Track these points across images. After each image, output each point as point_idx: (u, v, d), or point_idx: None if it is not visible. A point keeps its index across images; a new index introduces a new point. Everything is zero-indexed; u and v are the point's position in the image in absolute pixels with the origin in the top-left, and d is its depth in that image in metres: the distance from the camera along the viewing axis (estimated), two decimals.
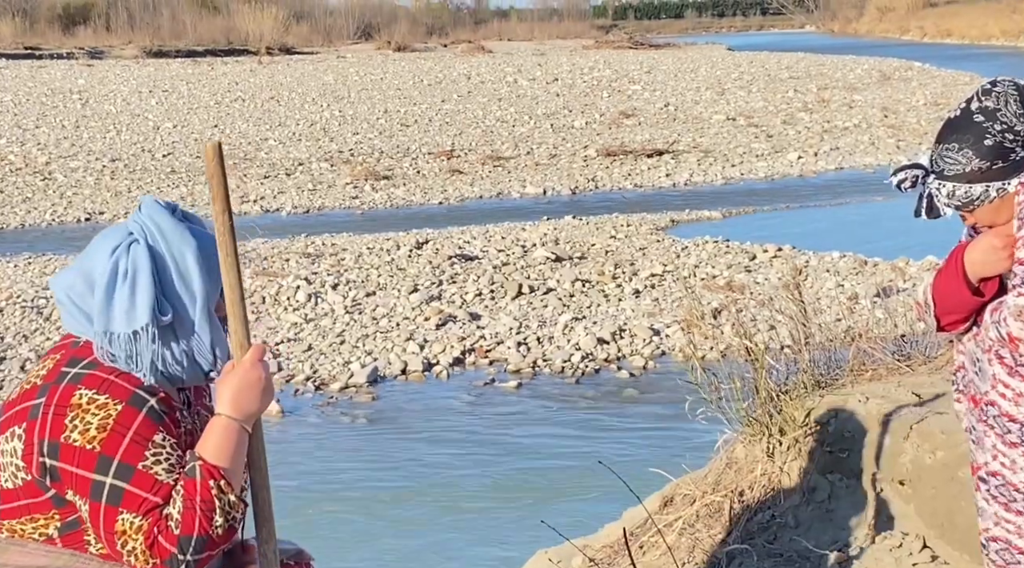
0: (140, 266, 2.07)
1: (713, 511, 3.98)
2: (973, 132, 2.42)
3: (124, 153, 20.02)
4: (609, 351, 8.33)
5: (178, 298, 2.11)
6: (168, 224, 2.12)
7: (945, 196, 2.48)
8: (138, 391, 2.05)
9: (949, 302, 2.57)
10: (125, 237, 2.11)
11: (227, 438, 2.07)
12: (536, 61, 47.36)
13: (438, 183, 16.64)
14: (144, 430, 2.02)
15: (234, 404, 2.08)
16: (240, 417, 2.09)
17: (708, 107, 25.71)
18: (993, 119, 2.41)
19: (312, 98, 30.32)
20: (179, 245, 2.11)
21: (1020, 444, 2.44)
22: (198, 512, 1.99)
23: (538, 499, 6.02)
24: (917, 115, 22.79)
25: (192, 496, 1.99)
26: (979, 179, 2.43)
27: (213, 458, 2.04)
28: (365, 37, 76.18)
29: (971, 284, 2.51)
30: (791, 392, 4.08)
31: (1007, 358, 2.45)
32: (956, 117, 2.47)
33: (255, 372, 2.11)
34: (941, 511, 3.37)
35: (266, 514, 2.16)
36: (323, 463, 6.67)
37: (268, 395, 2.13)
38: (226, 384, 2.10)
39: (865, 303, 8.88)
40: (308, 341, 8.76)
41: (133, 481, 1.99)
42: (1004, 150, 2.41)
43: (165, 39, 60.50)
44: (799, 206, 14.46)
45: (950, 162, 2.45)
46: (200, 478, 2.01)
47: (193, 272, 2.11)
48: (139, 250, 2.09)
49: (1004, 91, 2.44)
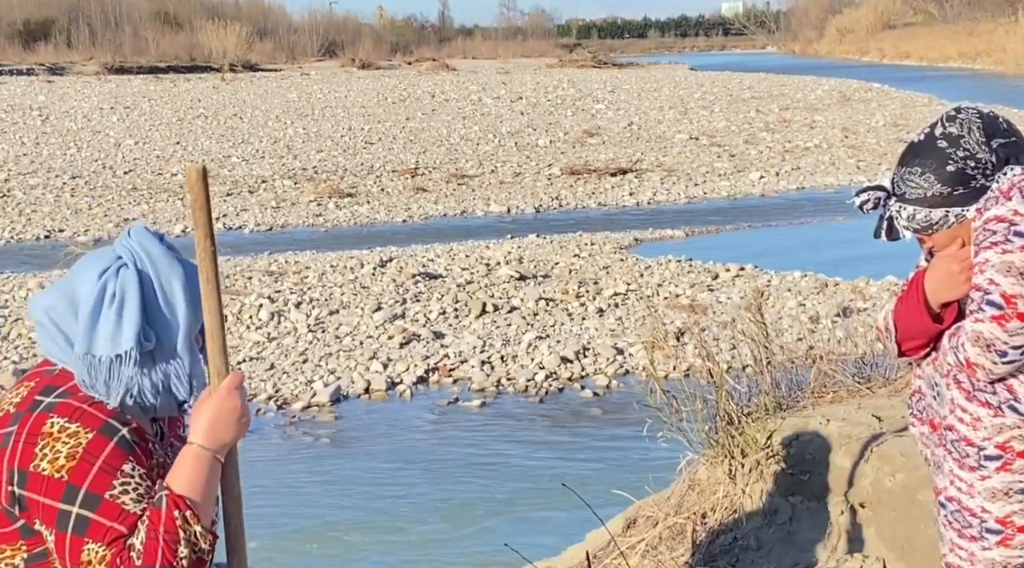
0: (128, 290, 2.05)
1: (676, 533, 3.99)
2: (936, 157, 2.45)
3: (85, 170, 19.84)
4: (573, 370, 8.34)
5: (162, 326, 2.08)
6: (158, 251, 2.10)
7: (905, 219, 2.51)
8: (110, 420, 2.02)
9: (910, 327, 2.60)
10: (114, 261, 2.09)
11: (198, 468, 2.03)
12: (500, 79, 47.51)
13: (402, 201, 16.63)
14: (113, 459, 1.99)
15: (208, 433, 2.05)
16: (213, 447, 2.05)
17: (671, 126, 25.88)
18: (956, 146, 2.44)
19: (276, 115, 30.23)
20: (167, 273, 2.09)
21: (978, 468, 2.47)
22: (161, 543, 1.96)
23: (501, 521, 6.00)
24: (877, 136, 23.05)
25: (156, 526, 1.96)
26: (940, 204, 2.46)
27: (181, 488, 2.01)
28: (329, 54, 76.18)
29: (931, 310, 2.54)
30: (753, 414, 4.10)
31: (965, 383, 2.48)
32: (920, 141, 2.50)
33: (231, 401, 2.08)
34: (901, 534, 3.39)
35: (238, 543, 2.13)
36: (285, 483, 6.61)
37: (244, 424, 2.09)
38: (201, 412, 2.07)
39: (826, 323, 8.95)
40: (270, 360, 8.70)
41: (99, 510, 1.96)
42: (965, 177, 2.44)
43: (127, 55, 60.17)
44: (761, 225, 14.57)
45: (912, 186, 2.48)
46: (165, 509, 1.98)
47: (179, 301, 2.09)
48: (128, 274, 2.07)
49: (968, 118, 2.48)
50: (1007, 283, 2.36)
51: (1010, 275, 2.36)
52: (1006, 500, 2.44)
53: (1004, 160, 2.47)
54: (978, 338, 2.40)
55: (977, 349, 2.40)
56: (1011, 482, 2.44)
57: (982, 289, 2.40)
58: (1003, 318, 2.37)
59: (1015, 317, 2.36)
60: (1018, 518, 2.44)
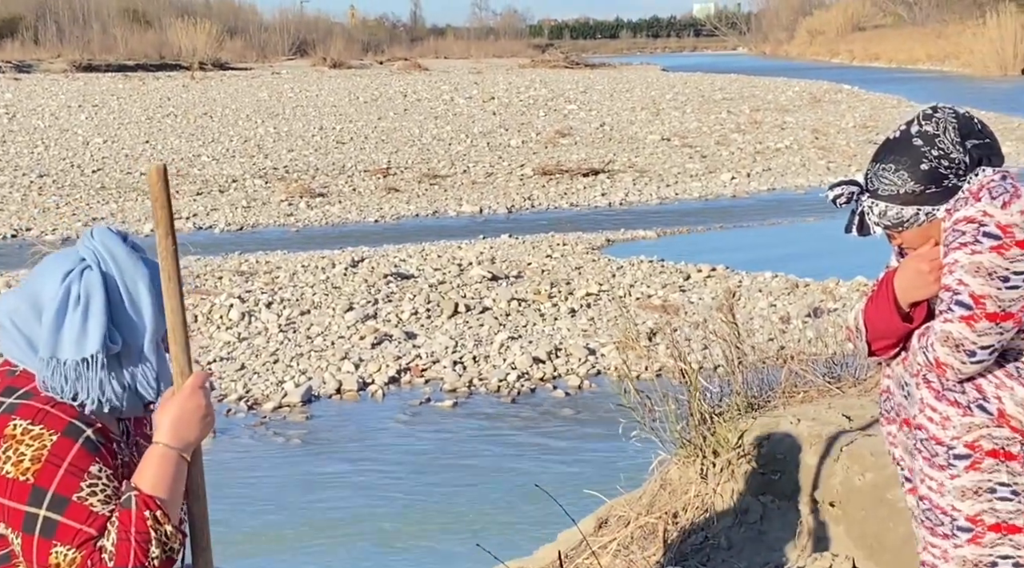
0: (93, 292, 2.03)
1: (647, 533, 4.00)
2: (911, 155, 2.47)
3: (52, 168, 19.68)
4: (545, 370, 8.34)
5: (128, 327, 2.07)
6: (122, 253, 2.08)
7: (877, 215, 2.52)
8: (74, 421, 2.01)
9: (880, 327, 2.62)
10: (77, 263, 2.06)
11: (165, 468, 2.03)
12: (472, 79, 47.49)
13: (374, 201, 16.59)
14: (79, 461, 1.98)
15: (173, 432, 2.04)
16: (179, 446, 2.05)
17: (643, 127, 25.95)
18: (931, 145, 2.46)
19: (246, 114, 30.08)
20: (132, 274, 2.08)
21: (947, 466, 2.48)
22: (133, 543, 1.95)
23: (473, 521, 6.00)
24: (847, 137, 23.21)
25: (127, 527, 1.95)
26: (912, 202, 2.48)
27: (150, 488, 2.00)
28: (300, 53, 75.90)
29: (901, 309, 2.56)
30: (724, 414, 4.12)
31: (934, 382, 2.50)
32: (895, 138, 2.52)
33: (195, 400, 2.07)
34: (870, 532, 3.42)
35: (204, 544, 2.13)
36: (255, 484, 6.58)
37: (208, 423, 2.09)
38: (165, 412, 2.06)
39: (796, 323, 9.01)
40: (241, 360, 8.65)
41: (67, 513, 1.94)
42: (938, 176, 2.46)
43: (95, 53, 59.71)
44: (732, 226, 14.63)
45: (885, 182, 2.50)
46: (135, 509, 1.97)
47: (145, 302, 2.08)
48: (92, 276, 2.04)
49: (944, 118, 2.50)
50: (976, 283, 2.38)
51: (979, 275, 2.38)
52: (976, 499, 2.46)
53: (977, 161, 2.49)
54: (947, 338, 2.42)
55: (946, 349, 2.42)
56: (980, 481, 2.46)
57: (951, 289, 2.42)
58: (972, 318, 2.39)
59: (984, 317, 2.38)
60: (988, 517, 2.46)
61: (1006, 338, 2.43)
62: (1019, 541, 2.45)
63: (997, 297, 2.38)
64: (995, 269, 2.37)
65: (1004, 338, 2.42)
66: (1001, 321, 2.39)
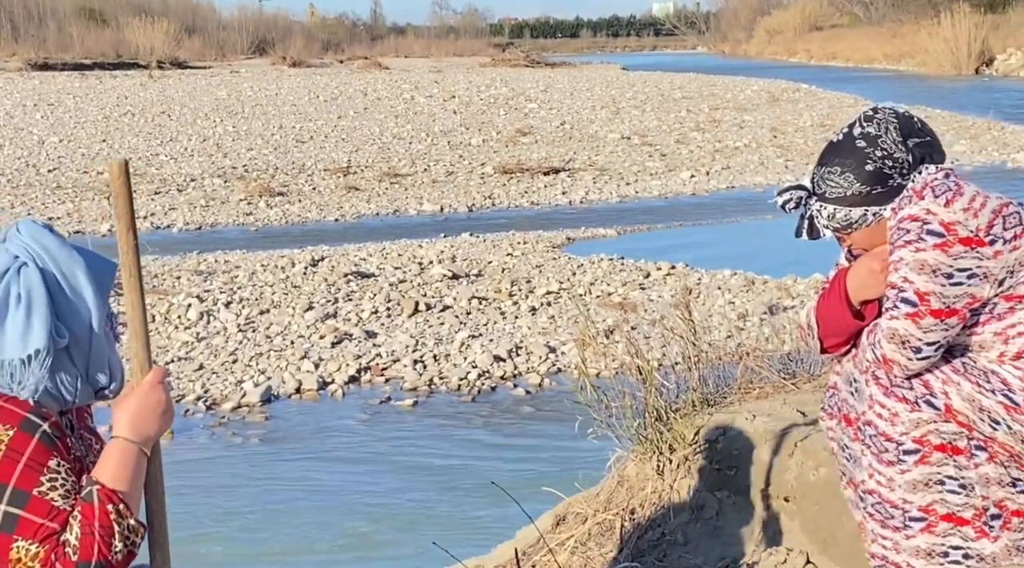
0: (34, 289, 2.02)
1: (604, 529, 4.02)
2: (855, 157, 2.51)
3: (7, 168, 19.44)
4: (505, 368, 8.35)
5: (74, 318, 2.06)
6: (54, 244, 2.07)
7: (825, 218, 2.56)
8: (29, 416, 2.00)
9: (832, 325, 2.66)
10: (12, 261, 2.05)
11: (125, 462, 2.03)
12: (433, 78, 47.41)
13: (334, 200, 16.52)
14: (38, 455, 1.97)
15: (132, 427, 2.06)
16: (139, 440, 2.06)
17: (603, 126, 26.03)
18: (874, 145, 2.50)
19: (205, 113, 29.86)
20: (69, 264, 2.07)
21: (897, 462, 2.52)
22: (97, 537, 1.95)
23: (430, 519, 6.00)
24: (804, 136, 23.40)
25: (90, 521, 1.95)
26: (859, 203, 2.51)
27: (111, 482, 2.00)
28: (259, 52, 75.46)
29: (853, 307, 2.60)
30: (680, 410, 4.15)
31: (883, 379, 2.54)
32: (839, 141, 2.56)
33: (155, 395, 2.09)
34: (824, 526, 3.46)
35: (161, 540, 2.14)
36: (214, 485, 6.54)
37: (167, 418, 2.11)
38: (124, 407, 2.07)
39: (754, 320, 9.08)
40: (199, 360, 8.60)
41: (28, 507, 1.94)
42: (884, 176, 2.50)
43: (51, 52, 59.02)
44: (692, 224, 14.72)
45: (832, 185, 2.53)
46: (98, 503, 1.97)
47: (85, 290, 2.07)
48: (30, 273, 2.03)
49: (885, 118, 2.54)
50: (920, 281, 2.42)
51: (923, 273, 2.42)
52: (927, 491, 2.50)
53: (920, 159, 2.53)
54: (893, 335, 2.46)
55: (892, 346, 2.46)
56: (930, 474, 2.50)
57: (896, 287, 2.46)
58: (917, 315, 2.43)
59: (928, 314, 2.42)
60: (939, 507, 2.50)
61: (951, 334, 2.47)
62: (967, 533, 2.50)
63: (941, 294, 2.42)
64: (939, 266, 2.41)
65: (949, 334, 2.46)
66: (946, 317, 2.43)
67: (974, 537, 2.49)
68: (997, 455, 2.49)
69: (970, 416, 2.47)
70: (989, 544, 2.49)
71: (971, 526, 2.49)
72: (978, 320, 2.49)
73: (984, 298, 2.46)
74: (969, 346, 2.52)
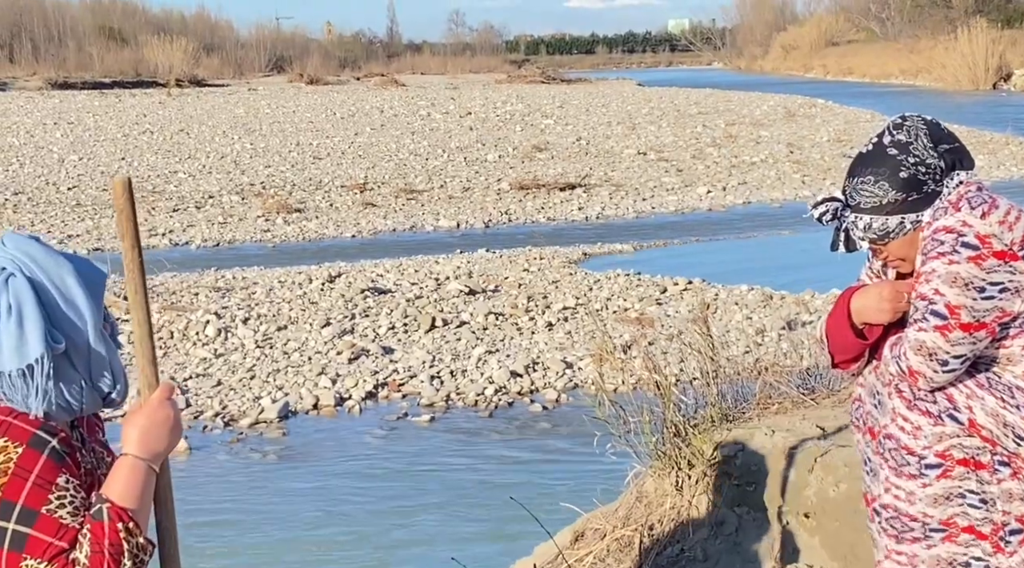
0: (24, 298, 2.01)
1: (623, 545, 4.00)
2: (888, 165, 2.49)
3: (28, 186, 19.57)
4: (522, 384, 8.34)
5: (68, 324, 2.05)
6: (40, 253, 2.06)
7: (861, 229, 2.53)
8: (38, 433, 1.99)
9: (837, 342, 2.65)
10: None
11: (134, 478, 2.02)
12: (449, 94, 47.55)
13: (351, 216, 16.57)
14: (47, 473, 1.96)
15: (141, 443, 2.04)
16: (147, 456, 2.05)
17: (619, 141, 26.04)
18: (906, 152, 2.48)
19: (223, 131, 30.02)
20: (57, 270, 2.06)
21: (919, 476, 2.50)
22: (107, 556, 1.94)
23: (449, 535, 5.98)
24: (821, 151, 23.36)
25: (100, 539, 1.94)
26: (895, 211, 2.49)
27: (120, 499, 1.99)
28: (277, 70, 75.87)
29: (855, 327, 2.59)
30: (699, 426, 4.13)
31: (906, 392, 2.52)
32: (869, 151, 2.54)
33: (163, 411, 2.07)
34: (844, 543, 3.43)
35: (172, 555, 2.13)
36: (231, 501, 6.55)
37: (176, 434, 2.10)
38: (133, 423, 2.06)
39: (772, 336, 9.05)
40: (217, 376, 8.62)
41: (37, 526, 1.93)
42: (918, 182, 2.48)
43: (71, 71, 59.47)
44: (708, 239, 14.69)
45: (867, 195, 2.51)
46: (108, 521, 1.96)
47: (77, 294, 2.06)
48: (18, 283, 2.02)
49: (914, 125, 2.52)
50: (952, 294, 2.40)
51: (955, 286, 2.39)
52: (947, 504, 2.48)
53: (951, 165, 2.51)
54: (920, 347, 2.43)
55: (919, 358, 2.44)
56: (951, 488, 2.48)
57: (927, 299, 2.43)
58: (946, 328, 2.40)
59: (958, 327, 2.40)
60: (960, 519, 2.48)
61: (979, 348, 2.45)
62: (986, 548, 2.48)
63: (972, 307, 2.40)
64: (972, 280, 2.39)
65: (977, 348, 2.44)
66: (975, 331, 2.41)
67: (991, 552, 2.47)
68: (1021, 471, 2.47)
69: (994, 431, 2.45)
70: (1005, 559, 2.47)
71: (988, 541, 2.47)
72: (1007, 334, 2.47)
73: (1015, 312, 2.44)
74: (996, 359, 2.50)
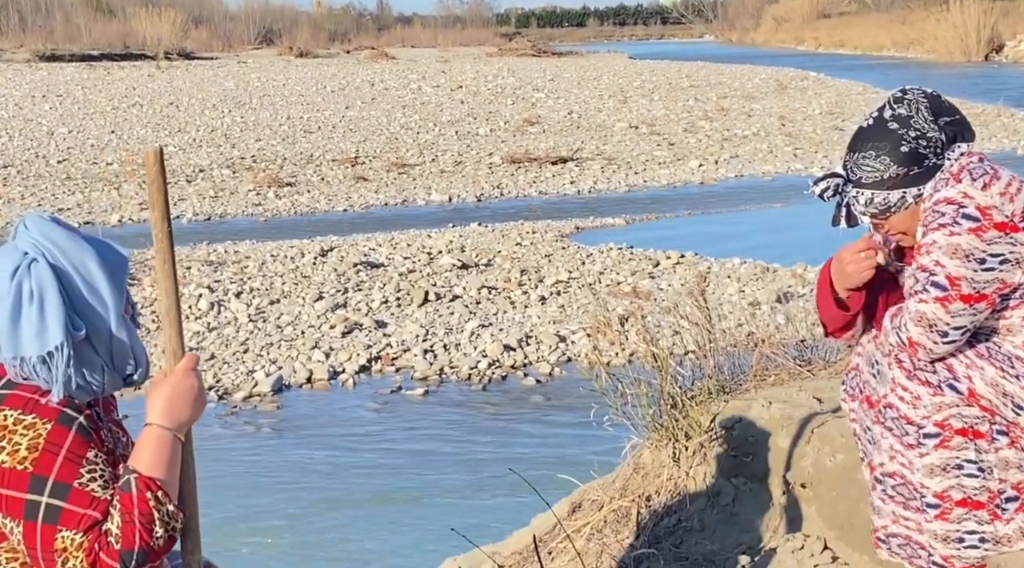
0: (46, 285, 2.01)
1: (621, 516, 4.02)
2: (889, 139, 2.48)
3: (16, 159, 19.47)
4: (516, 358, 8.35)
5: (90, 310, 2.05)
6: (62, 237, 2.06)
7: (863, 204, 2.53)
8: (65, 410, 2.01)
9: (824, 312, 2.68)
10: (22, 258, 2.02)
11: (161, 448, 2.04)
12: (440, 68, 47.36)
13: (343, 190, 16.52)
14: (76, 448, 1.98)
15: (167, 413, 2.06)
16: (173, 426, 2.07)
17: (611, 115, 25.98)
18: (907, 126, 2.48)
19: (213, 104, 29.87)
20: (79, 256, 2.06)
21: (917, 445, 2.51)
22: (137, 525, 1.96)
23: (447, 506, 6.00)
24: (813, 124, 23.32)
25: (130, 509, 1.97)
26: (897, 185, 2.49)
27: (148, 469, 2.01)
28: (266, 42, 75.45)
29: (837, 296, 2.61)
30: (696, 397, 4.13)
31: (906, 362, 2.53)
32: (870, 125, 2.53)
33: (188, 381, 2.10)
34: (841, 513, 3.45)
35: (192, 524, 2.16)
36: (226, 473, 6.55)
37: (200, 404, 2.12)
38: (158, 394, 2.08)
39: (766, 308, 9.05)
40: (211, 350, 8.61)
41: (70, 499, 1.95)
42: (919, 156, 2.48)
43: (59, 43, 59.01)
44: (701, 213, 14.68)
45: (868, 170, 2.50)
46: (136, 491, 1.98)
47: (100, 280, 2.06)
48: (41, 269, 2.02)
49: (915, 99, 2.52)
50: (952, 265, 2.40)
51: (956, 257, 2.40)
52: (944, 475, 2.49)
53: (952, 138, 2.51)
54: (921, 318, 2.44)
55: (920, 329, 2.44)
56: (948, 458, 2.49)
57: (928, 270, 2.44)
58: (947, 299, 2.41)
59: (958, 299, 2.40)
60: (955, 492, 2.49)
61: (979, 319, 2.45)
62: (982, 517, 2.49)
63: (972, 279, 2.40)
64: (972, 251, 2.39)
65: (977, 319, 2.45)
66: (975, 303, 2.42)
67: (988, 520, 2.49)
68: (1019, 440, 2.48)
69: (993, 401, 2.46)
70: (1002, 526, 2.49)
71: (985, 509, 2.49)
72: (1007, 305, 2.48)
73: (1015, 284, 2.44)
74: (995, 330, 2.51)
